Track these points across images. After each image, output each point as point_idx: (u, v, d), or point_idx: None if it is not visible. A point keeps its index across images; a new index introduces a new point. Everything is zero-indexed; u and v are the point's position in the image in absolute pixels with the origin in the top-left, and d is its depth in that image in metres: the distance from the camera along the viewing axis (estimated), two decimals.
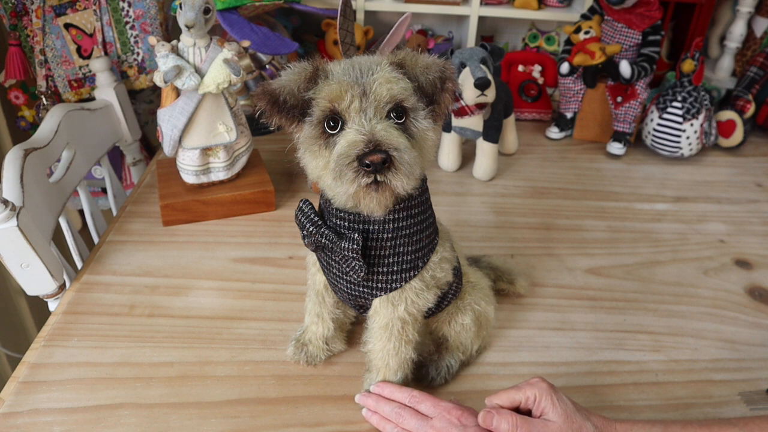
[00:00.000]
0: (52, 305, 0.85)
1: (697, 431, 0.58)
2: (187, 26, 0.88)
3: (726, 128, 1.30)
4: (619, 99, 1.26)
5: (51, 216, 0.88)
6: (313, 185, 1.08)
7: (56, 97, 1.26)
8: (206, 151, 0.98)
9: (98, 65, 1.15)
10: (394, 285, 0.61)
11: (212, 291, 0.85)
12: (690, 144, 1.22)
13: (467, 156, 1.21)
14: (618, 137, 1.27)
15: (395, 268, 0.60)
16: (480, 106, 1.09)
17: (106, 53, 1.22)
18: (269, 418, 0.67)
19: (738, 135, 1.30)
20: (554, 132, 1.34)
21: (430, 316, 0.70)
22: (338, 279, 0.63)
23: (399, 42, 1.02)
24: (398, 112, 0.55)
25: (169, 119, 0.93)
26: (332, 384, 0.72)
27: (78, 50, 1.23)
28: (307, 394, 0.70)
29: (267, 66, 1.25)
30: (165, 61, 0.89)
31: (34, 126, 1.35)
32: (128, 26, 1.22)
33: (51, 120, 0.96)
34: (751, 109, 1.31)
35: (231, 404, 0.68)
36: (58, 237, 0.91)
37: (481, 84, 1.02)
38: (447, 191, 1.13)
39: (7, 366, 1.43)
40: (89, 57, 1.23)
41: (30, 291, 0.82)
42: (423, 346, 0.73)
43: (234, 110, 0.97)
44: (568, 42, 1.30)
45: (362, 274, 0.59)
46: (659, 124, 1.23)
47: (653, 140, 1.25)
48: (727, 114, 1.31)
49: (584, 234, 1.02)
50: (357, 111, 0.53)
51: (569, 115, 1.34)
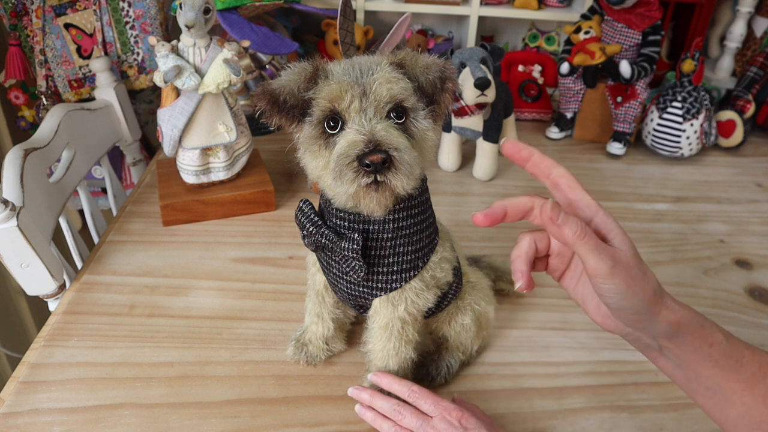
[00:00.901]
0: (52, 305, 0.85)
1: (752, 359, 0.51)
2: (187, 26, 0.88)
3: (726, 128, 1.30)
4: (619, 99, 1.26)
5: (51, 216, 0.88)
6: (313, 185, 1.08)
7: (56, 97, 1.26)
8: (206, 151, 0.98)
9: (98, 65, 1.15)
10: (394, 285, 0.61)
11: (212, 291, 0.85)
12: (690, 144, 1.22)
13: (467, 156, 1.21)
14: (618, 137, 1.27)
15: (395, 268, 0.60)
16: (480, 106, 1.09)
17: (106, 53, 1.22)
18: (269, 418, 0.67)
19: (738, 135, 1.30)
20: (554, 132, 1.34)
21: (430, 316, 0.70)
22: (338, 279, 0.63)
23: (399, 42, 1.02)
24: (398, 112, 0.55)
25: (169, 119, 0.93)
26: (332, 384, 0.72)
27: (78, 50, 1.23)
28: (307, 394, 0.70)
29: (267, 66, 1.25)
30: (165, 61, 0.89)
31: (34, 126, 1.35)
32: (128, 26, 1.22)
33: (51, 120, 0.96)
34: (751, 109, 1.31)
35: (231, 404, 0.68)
36: (58, 237, 0.91)
37: (481, 84, 1.02)
38: (447, 191, 1.13)
39: (7, 366, 1.43)
40: (89, 57, 1.23)
41: (30, 291, 0.82)
42: (423, 346, 0.73)
43: (234, 110, 0.97)
44: (568, 42, 1.30)
45: (362, 274, 0.59)
46: (659, 124, 1.23)
47: (653, 140, 1.25)
48: (727, 114, 1.31)
49: None
50: (357, 111, 0.53)
51: (569, 115, 1.34)
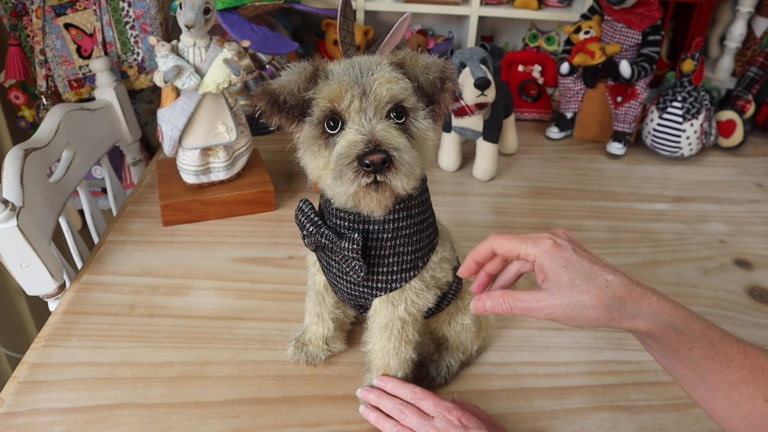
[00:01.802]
0: (52, 305, 0.85)
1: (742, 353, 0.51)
2: (187, 26, 0.88)
3: (726, 128, 1.30)
4: (619, 99, 1.26)
5: (51, 216, 0.88)
6: (313, 185, 1.08)
7: (56, 97, 1.26)
8: (206, 151, 0.98)
9: (98, 65, 1.15)
10: (394, 285, 0.61)
11: (212, 291, 0.85)
12: (690, 144, 1.22)
13: (467, 156, 1.21)
14: (618, 137, 1.27)
15: (395, 268, 0.60)
16: (480, 106, 1.09)
17: (106, 53, 1.22)
18: (269, 418, 0.67)
19: (738, 135, 1.30)
20: (554, 132, 1.34)
21: (430, 316, 0.70)
22: (338, 279, 0.63)
23: (399, 42, 1.02)
24: (398, 112, 0.55)
25: (169, 119, 0.93)
26: (332, 384, 0.72)
27: (78, 50, 1.23)
28: (307, 394, 0.70)
29: (267, 66, 1.25)
30: (165, 61, 0.89)
31: (34, 126, 1.35)
32: (128, 26, 1.22)
33: (51, 120, 0.96)
34: (751, 109, 1.31)
35: (231, 404, 0.68)
36: (58, 237, 0.91)
37: (481, 84, 1.02)
38: (447, 191, 1.13)
39: (7, 366, 1.43)
40: (89, 57, 1.23)
41: (30, 291, 0.82)
42: (423, 346, 0.73)
43: (234, 110, 0.97)
44: (568, 42, 1.30)
45: (362, 274, 0.59)
46: (659, 124, 1.23)
47: (653, 140, 1.25)
48: (727, 114, 1.31)
49: (584, 234, 1.02)
50: (357, 111, 0.53)
51: (569, 115, 1.34)
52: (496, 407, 0.69)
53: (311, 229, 0.60)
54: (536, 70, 1.40)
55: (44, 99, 1.23)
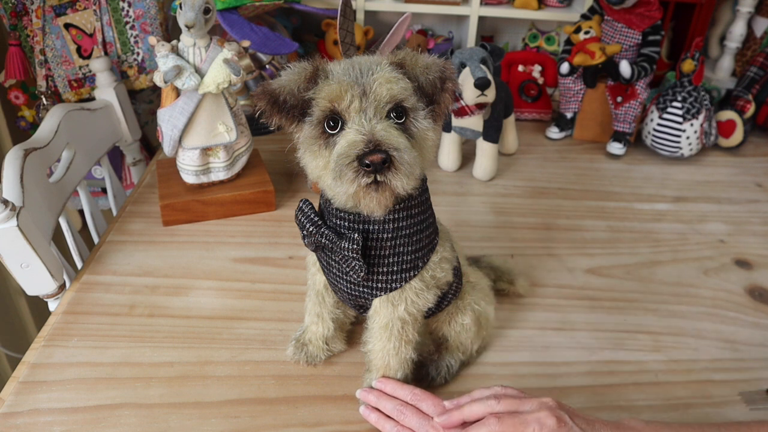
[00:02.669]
0: (52, 305, 0.85)
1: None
2: (187, 26, 0.88)
3: (726, 128, 1.30)
4: (619, 99, 1.26)
5: (51, 216, 0.88)
6: (313, 185, 1.08)
7: (56, 97, 1.26)
8: (206, 151, 0.98)
9: (98, 65, 1.15)
10: (394, 285, 0.61)
11: (212, 291, 0.85)
12: (690, 144, 1.22)
13: (467, 156, 1.21)
14: (618, 137, 1.27)
15: (395, 268, 0.60)
16: (480, 106, 1.09)
17: (106, 53, 1.22)
18: (269, 418, 0.67)
19: (738, 135, 1.30)
20: (554, 132, 1.34)
21: (430, 316, 0.70)
22: (338, 279, 0.63)
23: (399, 42, 1.02)
24: (398, 112, 0.55)
25: (169, 119, 0.93)
26: (332, 384, 0.72)
27: (78, 50, 1.23)
28: (307, 394, 0.70)
29: (267, 66, 1.25)
30: (165, 61, 0.89)
31: (34, 126, 1.35)
32: (128, 26, 1.22)
33: (51, 120, 0.96)
34: (751, 109, 1.31)
35: (231, 404, 0.68)
36: (58, 237, 0.91)
37: (481, 84, 1.02)
38: (447, 191, 1.13)
39: (7, 366, 1.43)
40: (89, 57, 1.23)
41: (30, 291, 0.82)
42: (423, 346, 0.73)
43: (234, 110, 0.97)
44: (568, 42, 1.30)
45: (362, 274, 0.59)
46: (659, 124, 1.23)
47: (653, 140, 1.25)
48: (727, 114, 1.31)
49: (584, 234, 1.02)
50: (357, 111, 0.53)
51: (569, 115, 1.34)
52: None
53: (311, 229, 0.60)
54: (536, 70, 1.40)
55: (44, 99, 1.23)
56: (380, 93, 0.53)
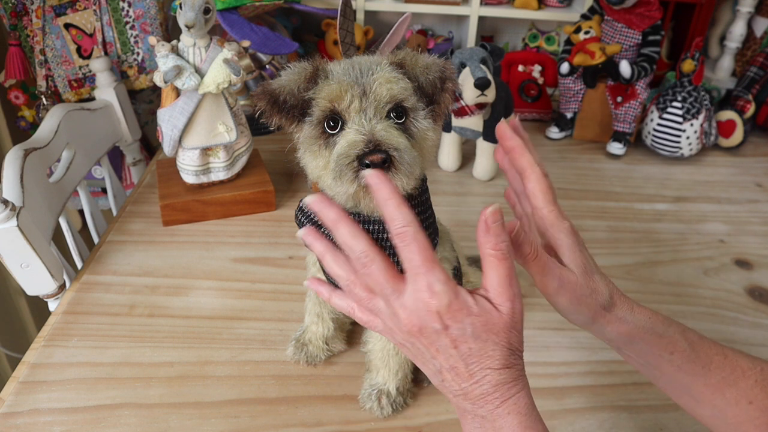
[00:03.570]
0: (52, 305, 0.85)
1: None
2: (187, 26, 0.88)
3: (726, 128, 1.30)
4: (619, 99, 1.26)
5: (51, 216, 0.88)
6: (313, 185, 1.07)
7: (56, 97, 1.26)
8: (206, 151, 0.98)
9: (98, 65, 1.15)
10: None
11: (212, 291, 0.85)
12: (690, 144, 1.22)
13: (467, 156, 1.21)
14: (618, 137, 1.27)
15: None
16: (480, 106, 1.09)
17: (106, 53, 1.22)
18: (269, 418, 0.67)
19: (738, 135, 1.30)
20: (554, 132, 1.34)
21: None
22: None
23: (399, 42, 1.02)
24: (398, 112, 0.54)
25: (169, 119, 0.93)
26: (332, 384, 0.72)
27: (78, 50, 1.23)
28: (307, 394, 0.70)
29: (267, 66, 1.25)
30: (165, 61, 0.89)
31: (34, 126, 1.35)
32: (128, 26, 1.22)
33: (51, 120, 0.96)
34: (751, 109, 1.31)
35: (231, 404, 0.68)
36: (58, 237, 0.91)
37: (481, 84, 1.02)
38: (447, 191, 1.13)
39: (7, 366, 1.43)
40: (89, 57, 1.23)
41: (30, 291, 0.82)
42: None
43: (234, 110, 0.97)
44: (568, 42, 1.30)
45: None
46: (659, 124, 1.23)
47: (653, 140, 1.25)
48: (727, 114, 1.31)
49: (584, 234, 1.01)
50: (357, 111, 0.53)
51: (569, 115, 1.34)
52: None
53: None
54: (536, 70, 1.40)
55: (44, 99, 1.23)
56: (380, 93, 0.53)
